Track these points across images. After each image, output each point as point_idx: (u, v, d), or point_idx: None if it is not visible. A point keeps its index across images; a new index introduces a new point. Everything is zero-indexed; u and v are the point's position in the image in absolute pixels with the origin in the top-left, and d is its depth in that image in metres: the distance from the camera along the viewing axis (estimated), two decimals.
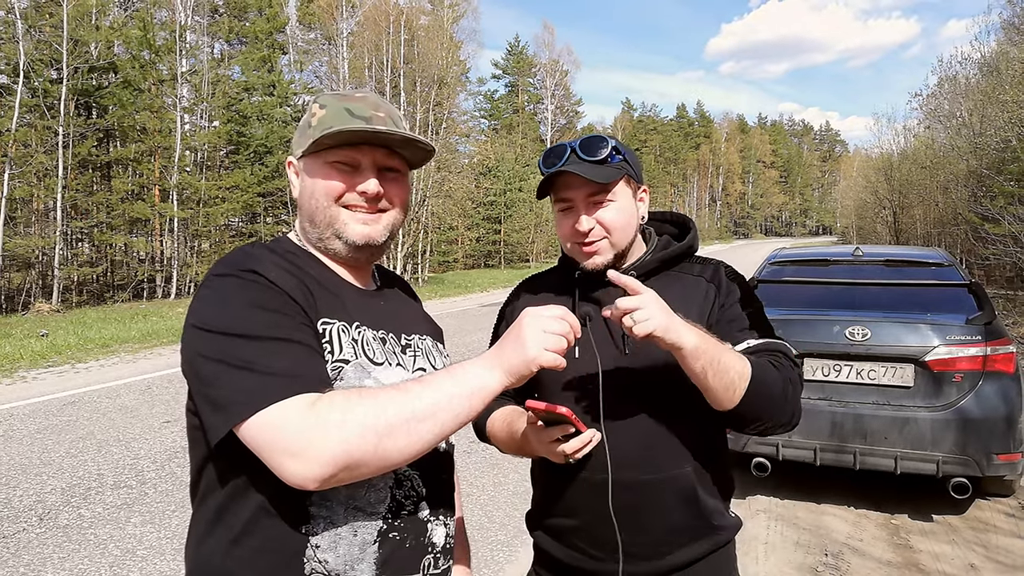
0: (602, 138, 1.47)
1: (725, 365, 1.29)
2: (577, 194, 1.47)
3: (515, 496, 4.88)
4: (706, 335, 1.30)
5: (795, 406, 1.43)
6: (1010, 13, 18.13)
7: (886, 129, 36.76)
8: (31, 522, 4.40)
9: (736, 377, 1.31)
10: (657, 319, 1.22)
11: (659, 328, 1.22)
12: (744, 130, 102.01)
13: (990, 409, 4.08)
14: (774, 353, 1.44)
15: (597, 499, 1.44)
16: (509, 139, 48.35)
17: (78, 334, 13.01)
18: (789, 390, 1.40)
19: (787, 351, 1.46)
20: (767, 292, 4.97)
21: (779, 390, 1.37)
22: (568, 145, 1.48)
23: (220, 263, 1.13)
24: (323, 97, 1.25)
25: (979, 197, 17.35)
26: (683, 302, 1.46)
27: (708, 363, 1.28)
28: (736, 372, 1.31)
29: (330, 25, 33.20)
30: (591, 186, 1.45)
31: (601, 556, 1.48)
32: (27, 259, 20.44)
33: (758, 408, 1.36)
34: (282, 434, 0.96)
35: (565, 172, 1.44)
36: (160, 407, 7.30)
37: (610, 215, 1.47)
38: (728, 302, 1.51)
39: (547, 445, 1.35)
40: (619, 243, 1.50)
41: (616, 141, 1.49)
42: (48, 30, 20.22)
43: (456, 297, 22.30)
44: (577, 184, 1.46)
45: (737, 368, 1.31)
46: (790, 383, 1.40)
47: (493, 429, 1.57)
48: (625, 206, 1.50)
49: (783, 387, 1.38)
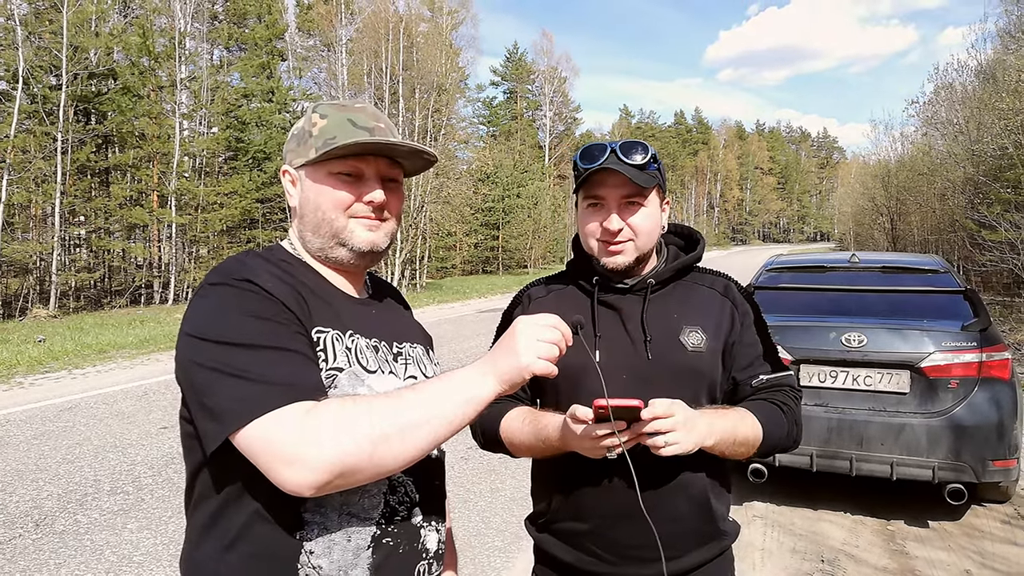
0: (643, 144, 1.50)
1: (739, 443, 1.43)
2: (612, 193, 1.50)
3: (512, 502, 4.87)
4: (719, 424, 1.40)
5: (797, 437, 1.58)
6: (1006, 21, 18.23)
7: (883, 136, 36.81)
8: (27, 528, 4.40)
9: (750, 447, 1.46)
10: (685, 443, 1.29)
11: (685, 451, 1.30)
12: (742, 137, 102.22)
13: (985, 415, 4.09)
14: (782, 388, 1.57)
15: (615, 502, 1.45)
16: (507, 145, 48.45)
17: (75, 340, 13.00)
18: (794, 431, 1.55)
19: (793, 383, 1.60)
20: (764, 298, 4.98)
21: (785, 435, 1.53)
22: (609, 145, 1.50)
23: (214, 272, 1.13)
24: (322, 107, 1.25)
25: (976, 204, 17.40)
26: (700, 311, 1.57)
27: (725, 448, 1.42)
28: (750, 444, 1.46)
29: (329, 32, 33.31)
30: (630, 187, 1.48)
31: (613, 559, 1.49)
32: (25, 265, 20.42)
33: (767, 453, 1.53)
34: (278, 442, 0.97)
35: (606, 170, 1.46)
36: (157, 413, 7.29)
37: (640, 219, 1.51)
38: (746, 323, 1.60)
39: (590, 441, 1.30)
40: (643, 247, 1.53)
41: (654, 150, 1.52)
42: (48, 36, 20.25)
43: (454, 303, 22.30)
44: (614, 183, 1.48)
45: (750, 440, 1.45)
46: (795, 424, 1.55)
47: (510, 432, 1.54)
48: (653, 213, 1.54)
49: (788, 431, 1.53)
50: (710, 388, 1.53)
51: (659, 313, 1.55)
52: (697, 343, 1.51)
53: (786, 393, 1.55)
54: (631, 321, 1.54)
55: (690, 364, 1.50)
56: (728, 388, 1.58)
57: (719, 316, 1.56)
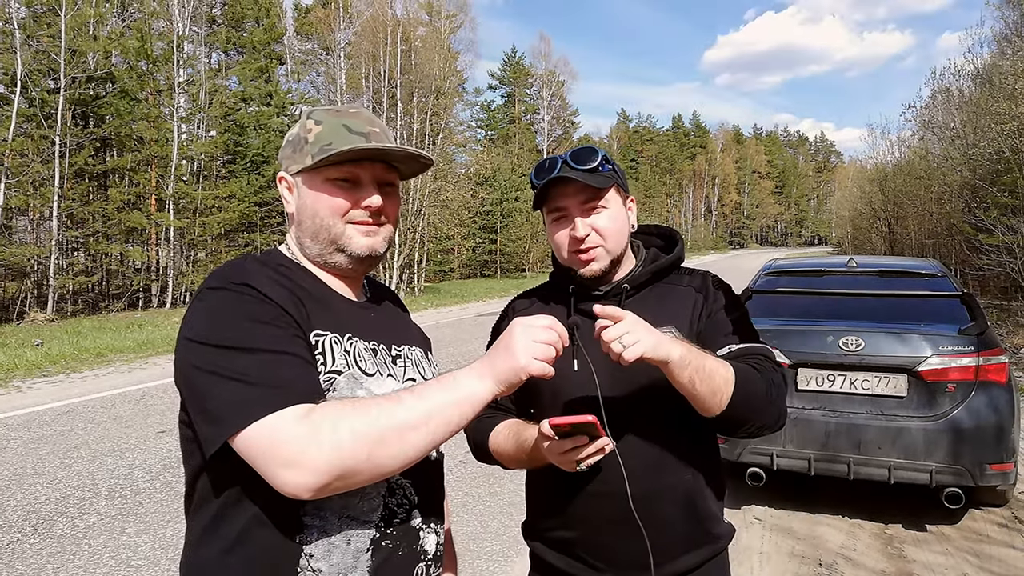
0: (592, 148, 1.52)
1: (710, 372, 1.32)
2: (571, 202, 1.51)
3: (511, 506, 4.87)
4: (689, 345, 1.33)
5: (780, 407, 1.45)
6: (1002, 26, 18.31)
7: (880, 140, 36.88)
8: (25, 532, 4.39)
9: (721, 382, 1.33)
10: (645, 340, 1.25)
11: (648, 349, 1.25)
12: (740, 141, 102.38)
13: (982, 419, 4.10)
14: (755, 356, 1.46)
15: (603, 509, 1.45)
16: (505, 149, 48.46)
17: (73, 344, 12.98)
18: (772, 392, 1.42)
19: (768, 353, 1.49)
20: (762, 302, 5.00)
21: (763, 392, 1.40)
22: (559, 157, 1.51)
23: (213, 276, 1.14)
24: (317, 112, 1.25)
25: (973, 208, 17.44)
26: (675, 312, 1.53)
27: (695, 372, 1.30)
28: (721, 377, 1.33)
29: (327, 36, 33.37)
30: (586, 192, 1.49)
31: (602, 567, 1.49)
32: (22, 268, 20.39)
33: (744, 411, 1.38)
34: (276, 444, 0.97)
35: (560, 180, 1.47)
36: (155, 417, 7.28)
37: (604, 221, 1.51)
38: (714, 308, 1.55)
39: (560, 455, 1.34)
40: (614, 249, 1.53)
41: (604, 152, 1.53)
42: (46, 40, 20.25)
43: (452, 307, 22.29)
44: (571, 191, 1.50)
45: (722, 373, 1.33)
46: (773, 385, 1.42)
47: (497, 445, 1.57)
48: (617, 213, 1.54)
49: (766, 389, 1.40)
50: None
51: None
52: None
53: (759, 361, 1.45)
54: None
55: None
56: None
57: (692, 309, 1.55)
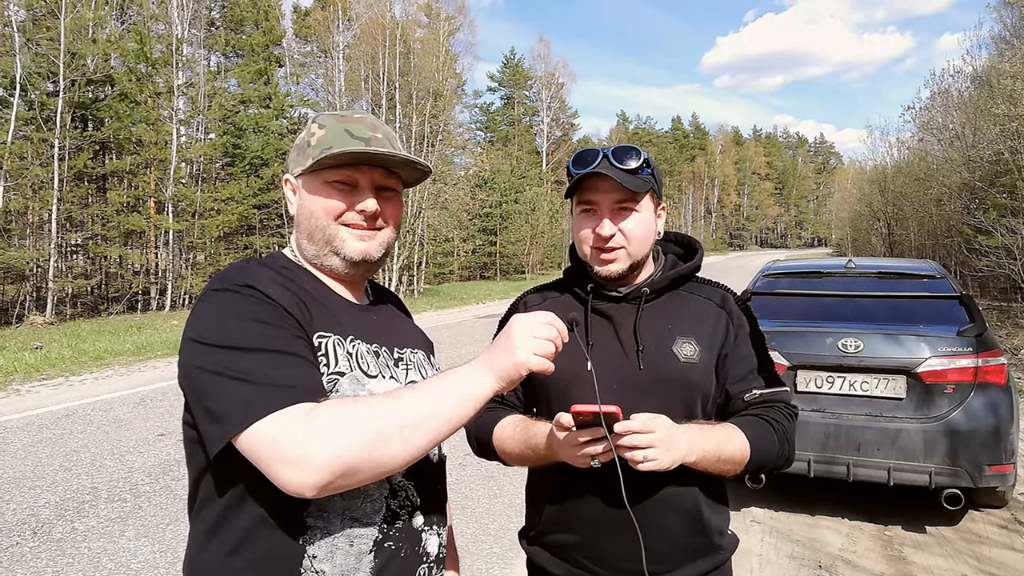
0: (636, 149, 1.48)
1: (724, 460, 1.41)
2: (604, 198, 1.48)
3: (510, 508, 4.87)
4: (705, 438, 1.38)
5: (789, 455, 1.53)
6: (1000, 27, 18.35)
7: (880, 142, 36.94)
8: (24, 536, 4.39)
9: (737, 465, 1.43)
10: (662, 461, 1.28)
11: (666, 466, 1.29)
12: (739, 142, 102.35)
13: (981, 420, 4.11)
14: (776, 404, 1.53)
15: (603, 513, 1.45)
16: (505, 151, 48.54)
17: (72, 347, 12.97)
18: (785, 449, 1.50)
19: (787, 399, 1.56)
20: (761, 304, 5.01)
21: (776, 452, 1.48)
22: (601, 151, 1.49)
23: (217, 278, 1.15)
24: (321, 117, 1.27)
25: (972, 209, 17.49)
26: (695, 322, 1.54)
27: (709, 465, 1.39)
28: (736, 462, 1.43)
29: (326, 38, 33.40)
30: (621, 192, 1.47)
31: (601, 571, 1.48)
32: (21, 271, 20.37)
33: (756, 469, 1.48)
34: (279, 443, 0.98)
35: (598, 174, 1.45)
36: (154, 420, 7.28)
37: (632, 225, 1.49)
38: (740, 335, 1.56)
39: (574, 448, 1.30)
40: (636, 254, 1.51)
41: (647, 155, 1.51)
42: (45, 43, 20.23)
43: (452, 309, 22.29)
44: (606, 188, 1.48)
45: (736, 459, 1.42)
46: (786, 442, 1.50)
47: (501, 441, 1.55)
48: (647, 219, 1.52)
49: (779, 449, 1.49)
50: (703, 399, 1.50)
51: (652, 322, 1.53)
52: (690, 354, 1.49)
53: (779, 410, 1.51)
54: (624, 330, 1.53)
55: (682, 374, 1.48)
56: (720, 401, 1.54)
57: (714, 327, 1.54)
